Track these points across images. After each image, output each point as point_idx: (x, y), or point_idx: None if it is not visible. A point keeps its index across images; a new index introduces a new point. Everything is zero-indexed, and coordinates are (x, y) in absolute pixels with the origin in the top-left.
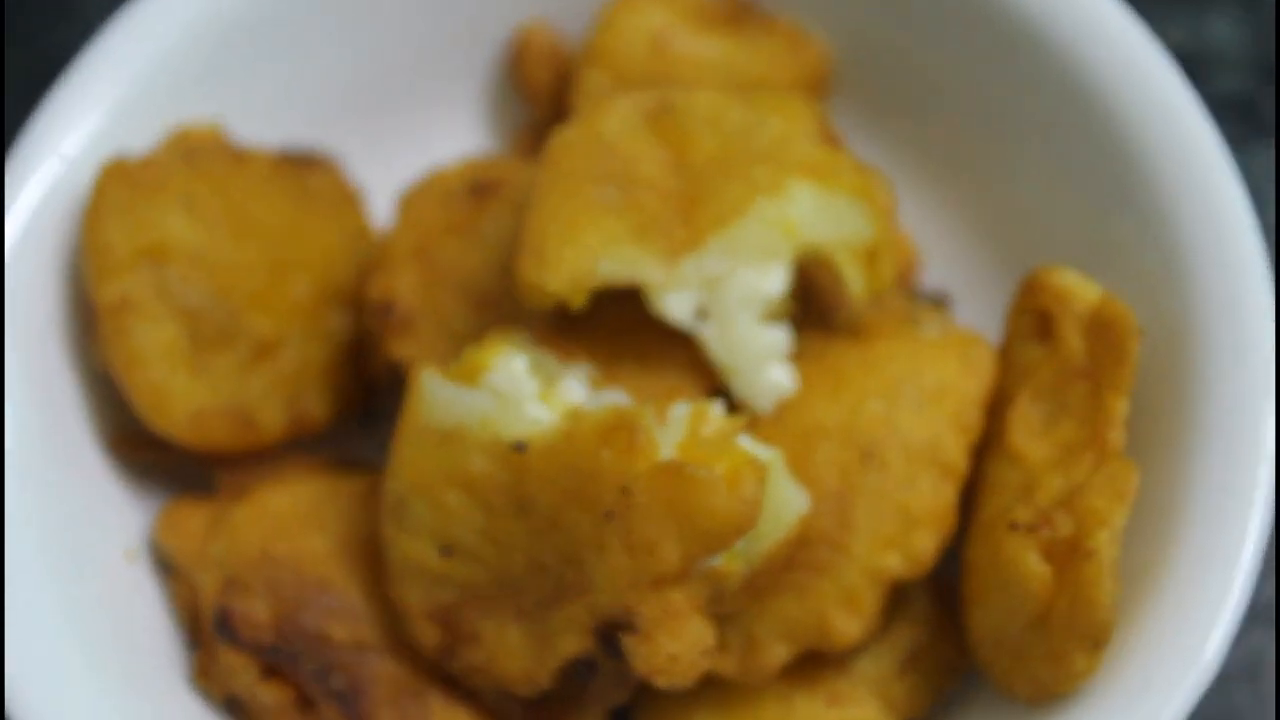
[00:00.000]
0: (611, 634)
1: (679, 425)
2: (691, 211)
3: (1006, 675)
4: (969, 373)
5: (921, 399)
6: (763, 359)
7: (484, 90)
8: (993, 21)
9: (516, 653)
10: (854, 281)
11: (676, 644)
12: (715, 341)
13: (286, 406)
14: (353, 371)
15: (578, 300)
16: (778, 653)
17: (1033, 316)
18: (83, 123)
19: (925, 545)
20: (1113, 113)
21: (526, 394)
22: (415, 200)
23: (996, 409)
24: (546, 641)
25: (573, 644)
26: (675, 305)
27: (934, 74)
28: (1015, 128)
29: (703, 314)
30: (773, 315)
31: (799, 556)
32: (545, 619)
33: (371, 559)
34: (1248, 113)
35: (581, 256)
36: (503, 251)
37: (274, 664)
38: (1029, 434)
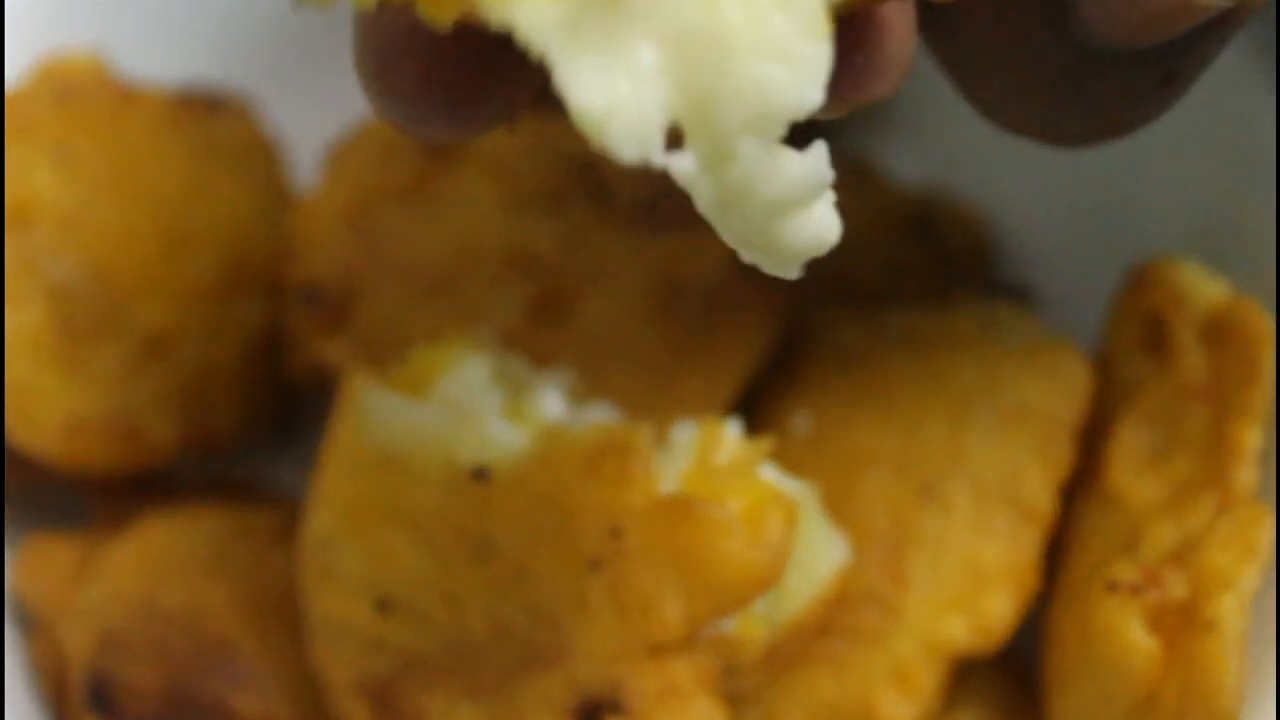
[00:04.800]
0: (595, 715)
1: (684, 450)
2: None
3: None
4: (1057, 390)
5: (996, 422)
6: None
7: None
8: None
9: None
10: None
11: None
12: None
13: (182, 417)
14: (266, 374)
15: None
16: None
17: (1141, 320)
18: None
19: (998, 609)
20: (1245, 68)
21: (489, 408)
22: (349, 154)
23: (1092, 437)
24: None
25: None
26: (536, 16)
27: None
28: None
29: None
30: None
31: (837, 620)
32: (509, 696)
33: (287, 614)
34: None
35: None
36: (462, 223)
37: None
38: (1134, 469)
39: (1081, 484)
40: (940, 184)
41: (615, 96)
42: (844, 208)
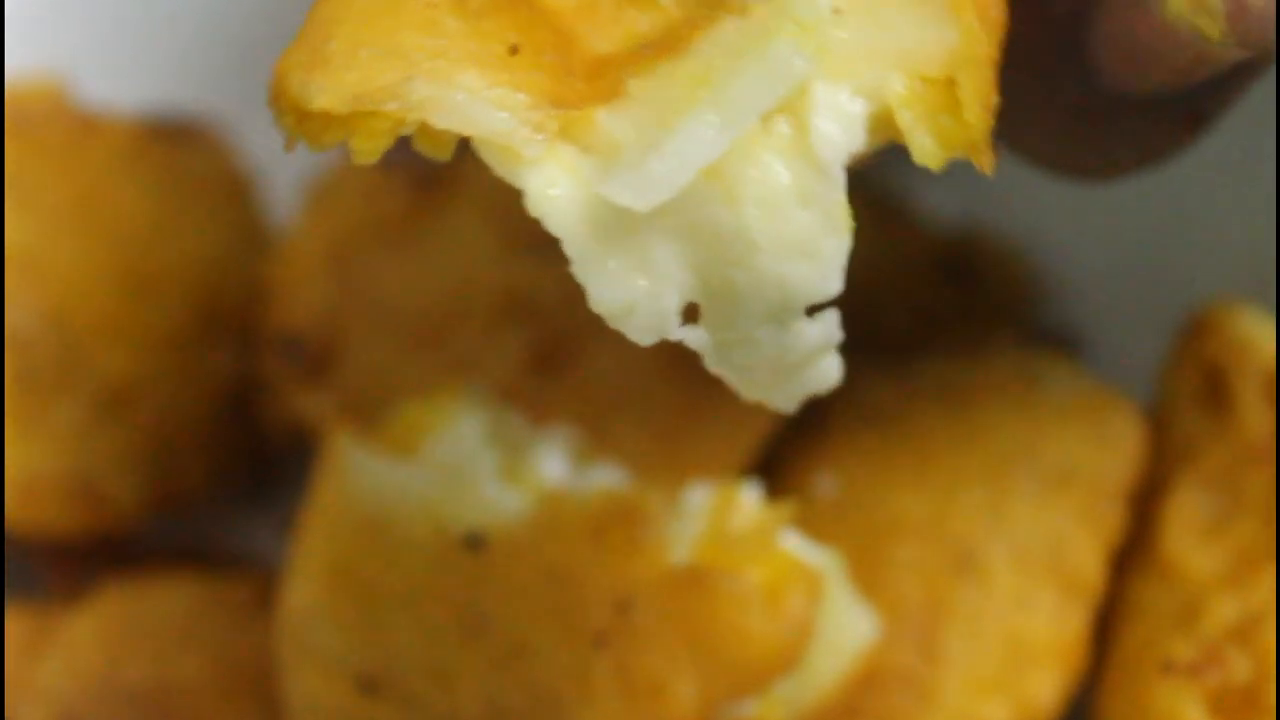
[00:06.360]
0: None
1: (698, 515)
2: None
3: None
4: (1107, 449)
5: (1040, 484)
6: (799, 360)
7: None
8: None
9: None
10: (920, 142)
11: None
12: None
13: (146, 476)
14: (239, 430)
15: (363, 147)
16: None
17: (1199, 374)
18: None
19: (1042, 690)
20: None
21: (484, 470)
22: (331, 189)
23: (1145, 501)
24: None
25: None
26: (558, 207)
27: None
28: None
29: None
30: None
31: (865, 703)
32: None
33: (263, 694)
34: None
35: (384, 65)
36: (455, 266)
37: None
38: (1191, 537)
39: (1133, 553)
40: (975, 222)
41: (633, 295)
42: (870, 250)
